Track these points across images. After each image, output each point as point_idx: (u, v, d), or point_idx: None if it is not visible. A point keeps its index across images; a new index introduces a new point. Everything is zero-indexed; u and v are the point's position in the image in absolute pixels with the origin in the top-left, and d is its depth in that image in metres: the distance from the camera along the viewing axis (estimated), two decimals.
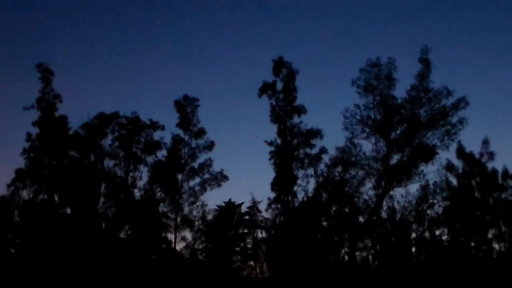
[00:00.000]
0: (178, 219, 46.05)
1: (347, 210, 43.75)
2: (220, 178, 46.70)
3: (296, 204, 43.66)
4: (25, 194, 45.58)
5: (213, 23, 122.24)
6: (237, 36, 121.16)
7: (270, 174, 43.70)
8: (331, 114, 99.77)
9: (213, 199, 71.61)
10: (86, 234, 42.29)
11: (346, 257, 44.24)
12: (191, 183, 46.66)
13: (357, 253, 45.48)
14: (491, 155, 49.42)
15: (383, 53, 66.44)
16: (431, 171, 44.68)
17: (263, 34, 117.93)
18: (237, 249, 44.78)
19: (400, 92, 42.65)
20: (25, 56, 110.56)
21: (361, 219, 44.08)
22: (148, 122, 47.19)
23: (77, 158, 45.71)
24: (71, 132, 45.86)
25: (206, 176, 46.72)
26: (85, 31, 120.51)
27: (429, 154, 41.52)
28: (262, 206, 44.64)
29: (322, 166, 43.81)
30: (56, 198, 45.04)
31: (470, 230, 47.63)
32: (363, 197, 43.26)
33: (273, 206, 44.06)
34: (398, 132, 41.96)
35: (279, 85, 44.50)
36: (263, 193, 65.28)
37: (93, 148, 45.84)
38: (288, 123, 44.11)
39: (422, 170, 42.20)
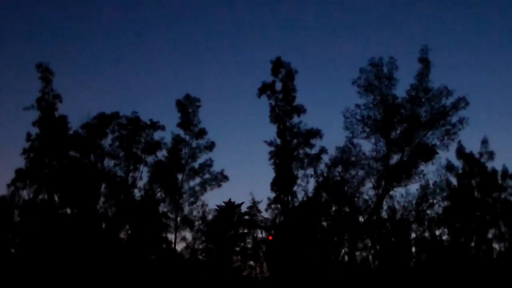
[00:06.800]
0: (178, 219, 46.13)
1: (347, 210, 43.72)
2: (220, 178, 46.81)
3: (296, 204, 43.67)
4: (25, 194, 45.69)
5: (213, 23, 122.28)
6: (237, 36, 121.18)
7: (270, 174, 43.80)
8: (331, 114, 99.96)
9: (213, 199, 71.89)
10: (86, 234, 42.29)
11: (346, 257, 44.23)
12: (191, 183, 46.84)
13: (357, 253, 45.56)
14: (491, 155, 49.56)
15: (383, 53, 66.38)
16: (431, 171, 44.50)
17: (263, 34, 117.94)
18: (237, 249, 44.76)
19: (400, 91, 42.72)
20: (25, 56, 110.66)
21: (361, 219, 44.07)
22: (149, 122, 47.26)
23: (77, 158, 45.74)
24: (71, 132, 45.93)
25: (207, 176, 46.87)
26: (85, 31, 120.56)
27: (429, 154, 41.48)
28: (262, 206, 44.71)
29: (322, 166, 43.87)
30: (56, 198, 45.07)
31: (470, 230, 47.66)
32: (363, 197, 43.25)
33: (273, 206, 44.13)
34: (398, 132, 41.93)
35: (279, 85, 44.64)
36: (263, 193, 65.56)
37: (93, 148, 45.85)
38: (287, 123, 44.12)
39: (422, 170, 42.15)
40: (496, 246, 49.69)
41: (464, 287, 41.57)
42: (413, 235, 45.92)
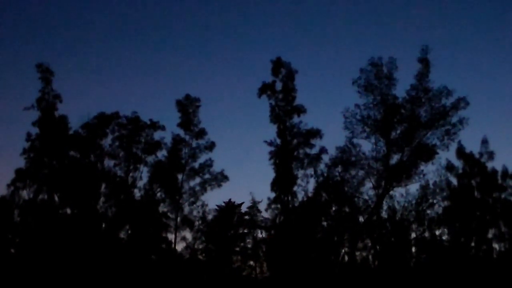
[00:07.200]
0: (178, 219, 46.15)
1: (347, 210, 43.73)
2: (220, 178, 46.83)
3: (296, 204, 43.68)
4: (25, 194, 45.64)
5: (213, 23, 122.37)
6: (237, 36, 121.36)
7: (270, 174, 43.83)
8: (331, 114, 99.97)
9: (213, 199, 71.80)
10: (86, 234, 42.28)
11: (346, 257, 44.24)
12: (192, 183, 46.89)
13: (357, 253, 45.56)
14: (491, 155, 49.52)
15: (383, 53, 66.54)
16: (431, 171, 44.62)
17: (263, 34, 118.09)
18: (237, 249, 44.73)
19: (400, 91, 42.73)
20: (25, 56, 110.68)
21: (361, 219, 44.07)
22: (148, 122, 47.29)
23: (77, 158, 45.74)
24: (71, 132, 45.95)
25: (207, 176, 46.91)
26: (85, 31, 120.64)
27: (429, 154, 41.48)
28: (262, 206, 44.71)
29: (322, 166, 43.93)
30: (56, 198, 45.07)
31: (470, 230, 47.62)
32: (363, 197, 43.26)
33: (273, 206, 44.15)
34: (398, 131, 41.95)
35: (279, 85, 44.66)
36: (263, 193, 65.47)
37: (93, 148, 45.86)
38: (287, 123, 44.17)
39: (422, 170, 42.17)
40: (496, 246, 49.71)
41: (464, 287, 41.55)
42: (413, 235, 45.91)
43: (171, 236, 46.05)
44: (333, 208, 44.16)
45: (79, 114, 57.29)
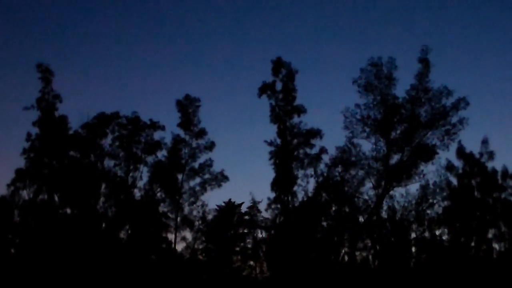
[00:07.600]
0: (178, 219, 46.13)
1: (347, 210, 43.73)
2: (220, 178, 46.80)
3: (296, 204, 43.67)
4: (25, 194, 45.65)
5: (214, 23, 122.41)
6: (237, 36, 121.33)
7: (270, 174, 43.80)
8: (331, 114, 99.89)
9: (213, 199, 71.66)
10: (86, 234, 42.29)
11: (346, 257, 44.25)
12: (192, 183, 46.84)
13: (357, 253, 45.57)
14: (491, 155, 49.52)
15: (384, 53, 66.37)
16: (431, 171, 44.62)
17: (263, 34, 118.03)
18: (237, 249, 44.78)
19: (400, 91, 42.73)
20: (25, 56, 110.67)
21: (361, 219, 44.09)
22: (148, 122, 47.28)
23: (77, 158, 45.74)
24: (71, 132, 45.94)
25: (207, 176, 46.86)
26: (85, 31, 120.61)
27: (429, 154, 41.51)
28: (262, 206, 44.72)
29: (322, 166, 43.90)
30: (56, 198, 45.07)
31: (470, 230, 47.64)
32: (363, 197, 43.26)
33: (273, 206, 44.12)
34: (398, 131, 41.97)
35: (279, 85, 44.66)
36: (263, 193, 65.49)
37: (93, 148, 45.86)
38: (288, 123, 44.14)
39: (422, 170, 42.19)
40: (496, 246, 49.72)
41: (464, 287, 41.56)
42: (413, 235, 45.94)
43: (171, 236, 46.13)
44: (333, 208, 44.15)
45: (79, 114, 57.20)
